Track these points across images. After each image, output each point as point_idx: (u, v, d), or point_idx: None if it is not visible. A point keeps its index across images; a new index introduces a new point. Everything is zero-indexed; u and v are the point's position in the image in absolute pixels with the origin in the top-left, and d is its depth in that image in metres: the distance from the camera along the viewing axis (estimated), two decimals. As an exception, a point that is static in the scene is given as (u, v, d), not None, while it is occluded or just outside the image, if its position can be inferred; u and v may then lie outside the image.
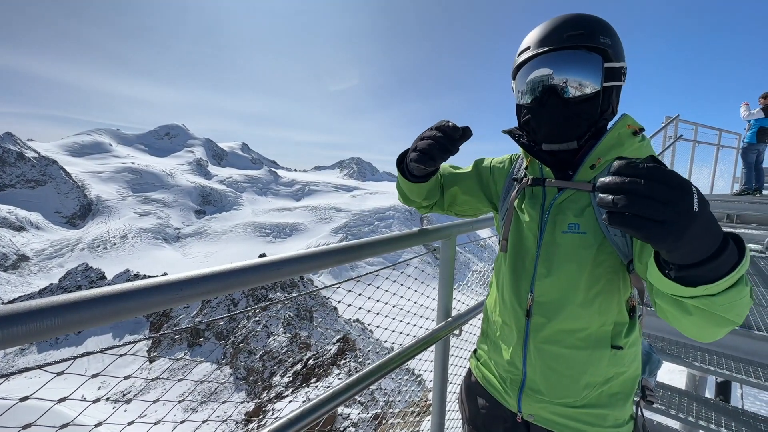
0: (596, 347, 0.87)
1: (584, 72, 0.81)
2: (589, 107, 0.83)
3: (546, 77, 0.83)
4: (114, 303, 0.57)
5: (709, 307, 0.57)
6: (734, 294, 0.56)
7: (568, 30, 0.81)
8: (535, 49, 0.84)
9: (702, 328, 0.64)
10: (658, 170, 0.49)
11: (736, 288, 0.55)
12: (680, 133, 6.63)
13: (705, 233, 0.50)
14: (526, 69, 0.87)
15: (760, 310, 2.59)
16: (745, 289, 0.57)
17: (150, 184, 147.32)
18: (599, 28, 0.81)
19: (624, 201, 0.49)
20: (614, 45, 0.82)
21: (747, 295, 0.58)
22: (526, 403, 0.96)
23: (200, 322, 1.44)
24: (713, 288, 0.54)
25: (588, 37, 0.80)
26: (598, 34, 0.80)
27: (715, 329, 0.63)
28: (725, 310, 0.57)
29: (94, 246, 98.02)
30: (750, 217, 5.79)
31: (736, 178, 8.29)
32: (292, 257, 0.92)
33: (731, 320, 0.60)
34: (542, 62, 0.83)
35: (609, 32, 0.82)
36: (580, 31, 0.80)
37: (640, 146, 0.86)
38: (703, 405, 2.14)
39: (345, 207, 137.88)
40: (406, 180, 1.04)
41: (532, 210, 0.94)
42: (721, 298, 0.56)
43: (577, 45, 0.80)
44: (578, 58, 0.81)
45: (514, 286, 0.97)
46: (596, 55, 0.80)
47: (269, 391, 20.09)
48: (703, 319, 0.61)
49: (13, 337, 0.47)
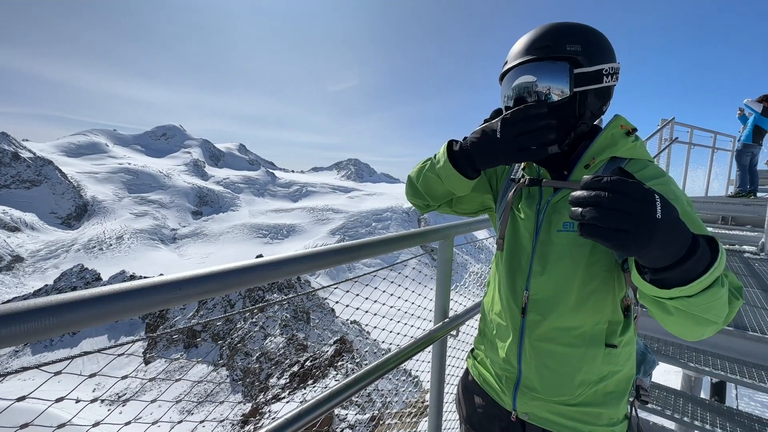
0: (591, 345, 0.88)
1: (551, 80, 0.84)
2: (562, 113, 0.86)
3: (519, 85, 0.88)
4: (113, 302, 0.58)
5: (687, 308, 0.60)
6: (710, 295, 0.58)
7: (537, 42, 0.85)
8: (512, 61, 0.89)
9: (685, 327, 0.66)
10: (621, 182, 0.53)
11: (711, 289, 0.58)
12: (676, 136, 6.68)
13: (670, 239, 0.53)
14: (506, 80, 0.92)
15: (754, 311, 2.62)
16: (721, 291, 0.59)
17: (146, 184, 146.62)
18: (567, 36, 0.84)
19: (591, 213, 0.53)
20: (586, 50, 0.84)
21: (724, 296, 0.60)
22: (521, 401, 0.97)
23: (197, 323, 1.44)
24: (687, 290, 0.57)
25: (553, 47, 0.84)
26: (564, 42, 0.83)
27: (698, 328, 0.65)
28: (703, 310, 0.60)
29: (89, 247, 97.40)
30: (744, 219, 5.84)
31: (731, 181, 8.36)
32: (290, 257, 0.92)
33: (711, 320, 0.62)
34: (516, 74, 0.88)
35: (579, 38, 0.84)
36: (546, 43, 0.84)
37: (633, 146, 0.88)
38: (699, 405, 2.16)
39: (342, 208, 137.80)
40: (458, 173, 0.91)
41: (528, 209, 0.96)
42: (698, 299, 0.58)
43: (543, 56, 0.84)
44: (544, 68, 0.84)
45: (510, 284, 0.98)
46: (563, 63, 0.83)
47: (266, 392, 20.00)
48: (683, 319, 0.63)
49: (11, 336, 0.47)
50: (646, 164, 0.85)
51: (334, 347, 20.29)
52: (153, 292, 0.63)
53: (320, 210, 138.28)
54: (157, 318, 34.00)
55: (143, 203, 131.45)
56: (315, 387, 17.48)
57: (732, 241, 4.85)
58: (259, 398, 20.12)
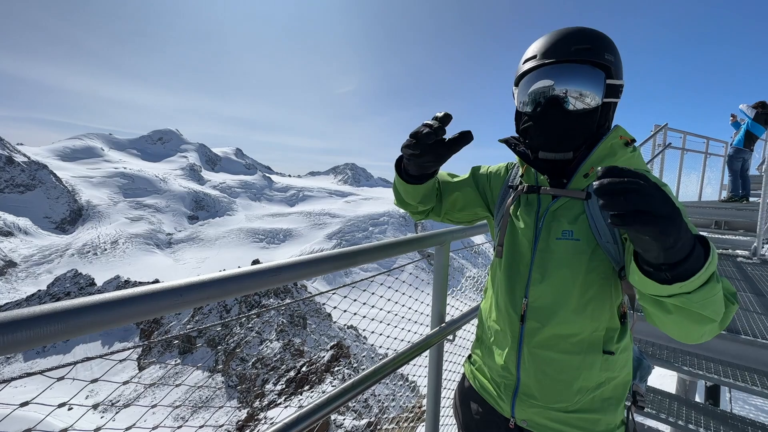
0: (589, 352, 0.89)
1: (587, 86, 0.83)
2: (588, 120, 0.86)
3: (549, 88, 0.85)
4: (118, 308, 0.58)
5: (687, 304, 0.61)
6: (708, 290, 0.60)
7: (575, 43, 0.83)
8: (541, 59, 0.85)
9: (683, 327, 0.67)
10: (632, 172, 0.54)
11: (709, 284, 0.60)
12: (669, 141, 6.75)
13: (687, 230, 0.55)
14: (530, 78, 0.88)
15: (747, 315, 2.64)
16: (717, 286, 0.61)
17: (142, 189, 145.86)
18: (605, 44, 0.83)
19: (629, 200, 0.51)
20: (616, 62, 0.85)
21: (720, 292, 0.62)
22: (519, 408, 0.97)
23: (192, 329, 1.44)
24: (687, 285, 0.58)
25: (594, 52, 0.82)
26: (603, 50, 0.83)
27: (696, 327, 0.66)
28: (701, 306, 0.61)
29: (84, 252, 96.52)
30: (737, 224, 5.90)
31: (724, 186, 8.44)
32: (289, 264, 0.93)
33: (709, 317, 0.63)
34: (547, 73, 0.85)
35: (613, 50, 0.84)
36: (587, 46, 0.82)
37: (631, 156, 0.89)
38: (693, 409, 2.17)
39: (339, 212, 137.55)
40: (402, 180, 1.03)
41: (527, 217, 0.96)
42: (697, 295, 0.60)
43: (584, 59, 0.82)
44: (583, 73, 0.83)
45: (508, 291, 0.98)
46: (600, 71, 0.83)
47: (262, 398, 19.82)
48: (682, 317, 0.65)
49: (16, 343, 0.48)
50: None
51: (331, 352, 20.17)
52: (157, 299, 0.64)
53: (317, 214, 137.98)
54: (152, 324, 33.66)
55: (139, 207, 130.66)
56: (311, 393, 17.35)
57: (725, 246, 4.90)
58: (255, 404, 19.93)
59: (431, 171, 0.97)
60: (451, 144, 0.83)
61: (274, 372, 22.42)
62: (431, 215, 1.20)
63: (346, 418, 12.20)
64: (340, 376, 18.35)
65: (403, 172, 1.01)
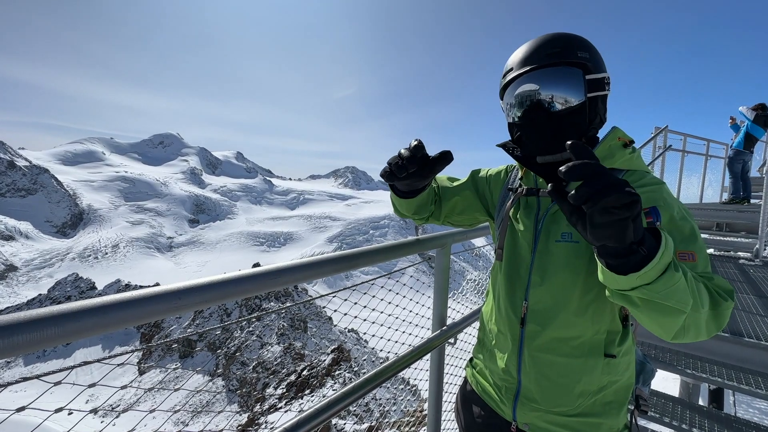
0: (590, 355, 0.89)
1: (567, 86, 0.84)
2: (576, 118, 0.86)
3: (532, 93, 0.86)
4: (114, 312, 0.58)
5: (650, 296, 0.62)
6: (667, 280, 0.61)
7: (547, 48, 0.85)
8: (518, 69, 0.88)
9: (656, 320, 0.68)
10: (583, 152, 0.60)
11: (667, 274, 0.61)
12: (669, 143, 6.76)
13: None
14: (511, 89, 0.90)
15: (750, 317, 2.63)
16: (677, 275, 0.62)
17: (143, 192, 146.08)
18: (576, 43, 0.85)
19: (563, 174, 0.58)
20: (593, 58, 0.85)
21: (682, 282, 0.63)
22: (521, 411, 0.97)
23: (192, 332, 1.43)
24: (645, 276, 0.60)
25: (566, 53, 0.84)
26: (575, 49, 0.84)
27: (668, 320, 0.66)
28: (665, 297, 0.62)
29: (84, 256, 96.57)
30: (739, 226, 5.89)
31: (725, 188, 8.44)
32: (289, 267, 0.93)
33: (675, 308, 0.63)
34: (525, 81, 0.87)
35: (586, 46, 0.85)
36: (557, 49, 0.84)
37: (630, 158, 0.89)
38: (697, 412, 2.15)
39: (340, 216, 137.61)
40: (395, 195, 1.06)
41: (526, 219, 0.96)
42: (657, 286, 0.61)
43: (557, 62, 0.84)
44: (559, 74, 0.84)
45: (509, 295, 0.98)
46: (576, 69, 0.84)
47: (262, 402, 19.74)
48: (649, 310, 0.65)
49: (14, 347, 0.48)
50: (643, 175, 0.87)
51: (332, 356, 20.10)
52: (153, 302, 0.63)
53: (317, 218, 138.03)
54: (153, 327, 33.61)
55: (139, 211, 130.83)
56: (312, 397, 17.28)
57: (727, 248, 4.88)
58: (255, 408, 19.84)
59: (420, 187, 1.01)
60: (434, 164, 0.87)
61: (275, 376, 22.35)
62: (431, 220, 1.21)
63: (347, 423, 12.14)
64: (341, 380, 18.28)
65: (396, 187, 1.04)
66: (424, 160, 0.87)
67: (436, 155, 0.88)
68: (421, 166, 0.86)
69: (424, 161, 0.87)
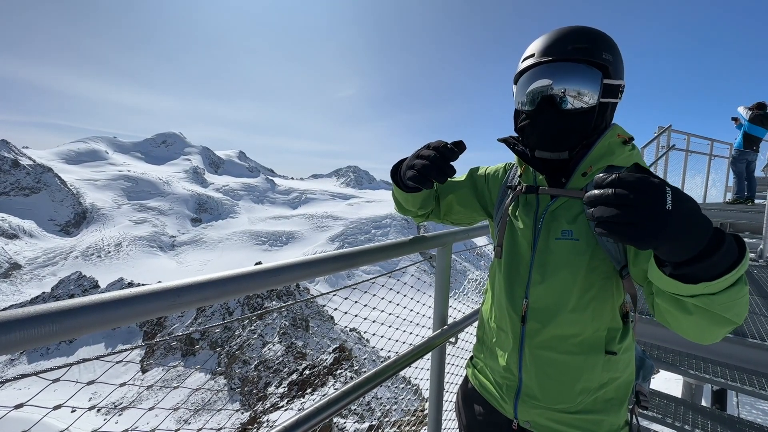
0: (590, 353, 0.88)
1: (583, 85, 0.82)
2: (583, 120, 0.85)
3: (546, 87, 0.84)
4: (112, 309, 0.58)
5: (709, 306, 0.59)
6: (734, 293, 0.57)
7: (572, 42, 0.82)
8: (539, 57, 0.85)
9: (702, 328, 0.65)
10: (628, 177, 0.52)
11: (735, 287, 0.57)
12: (673, 143, 6.72)
13: (686, 229, 0.52)
14: (528, 76, 0.88)
15: (754, 318, 2.61)
16: (744, 289, 0.58)
17: (146, 191, 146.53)
18: (603, 43, 0.83)
19: (599, 212, 0.53)
20: (615, 62, 0.84)
21: (746, 295, 0.59)
22: (522, 409, 0.96)
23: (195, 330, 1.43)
24: (713, 286, 0.55)
25: (591, 51, 0.81)
26: (601, 49, 0.82)
27: (715, 329, 0.64)
28: (724, 309, 0.59)
29: (87, 254, 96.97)
30: (743, 226, 5.85)
31: (729, 188, 8.40)
32: (289, 264, 0.92)
33: (730, 320, 0.61)
34: (544, 71, 0.85)
35: (612, 49, 0.83)
36: (584, 45, 0.82)
37: (630, 155, 0.88)
38: (700, 413, 2.14)
39: (342, 215, 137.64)
40: (401, 190, 1.05)
41: (526, 217, 0.96)
42: (721, 297, 0.57)
43: (580, 58, 0.82)
44: (579, 72, 0.82)
45: (509, 293, 0.98)
46: (597, 71, 0.82)
47: (264, 401, 19.79)
48: (703, 319, 0.62)
49: (11, 344, 0.48)
50: None
51: (333, 355, 20.12)
52: (153, 299, 0.63)
53: (319, 217, 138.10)
54: (155, 326, 33.76)
55: (142, 210, 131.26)
56: (314, 395, 17.30)
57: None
58: (257, 407, 19.89)
59: None
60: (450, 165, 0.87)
61: (277, 374, 22.40)
62: (431, 217, 1.21)
63: (348, 421, 12.15)
64: (343, 379, 18.30)
65: (401, 182, 1.02)
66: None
67: (453, 143, 0.87)
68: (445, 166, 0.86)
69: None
